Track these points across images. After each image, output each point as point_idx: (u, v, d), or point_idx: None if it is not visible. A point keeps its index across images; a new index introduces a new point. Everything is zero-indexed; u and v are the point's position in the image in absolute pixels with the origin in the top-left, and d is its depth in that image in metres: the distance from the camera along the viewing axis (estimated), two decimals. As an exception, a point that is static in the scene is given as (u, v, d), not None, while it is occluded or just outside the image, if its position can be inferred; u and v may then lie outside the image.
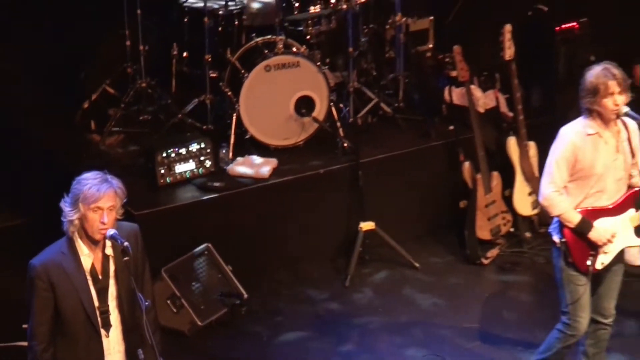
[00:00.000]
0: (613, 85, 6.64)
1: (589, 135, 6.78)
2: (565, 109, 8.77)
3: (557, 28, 10.32)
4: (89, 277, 5.81)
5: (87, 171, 5.82)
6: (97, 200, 5.69)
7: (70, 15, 9.73)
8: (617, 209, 6.90)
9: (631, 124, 6.82)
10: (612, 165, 6.80)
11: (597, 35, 10.38)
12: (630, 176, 6.94)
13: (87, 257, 5.81)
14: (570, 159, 6.79)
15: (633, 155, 6.87)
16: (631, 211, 6.93)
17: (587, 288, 6.95)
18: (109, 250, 5.86)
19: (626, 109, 6.74)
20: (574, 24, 10.36)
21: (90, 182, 5.72)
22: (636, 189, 6.93)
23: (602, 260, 6.89)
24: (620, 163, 6.83)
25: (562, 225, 6.88)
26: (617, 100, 6.65)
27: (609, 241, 6.85)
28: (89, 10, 9.77)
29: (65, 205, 5.76)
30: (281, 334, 8.32)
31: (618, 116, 6.74)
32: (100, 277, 5.84)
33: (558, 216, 6.87)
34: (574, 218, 6.81)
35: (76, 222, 5.75)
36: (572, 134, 6.82)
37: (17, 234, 8.79)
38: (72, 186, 5.76)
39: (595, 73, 6.69)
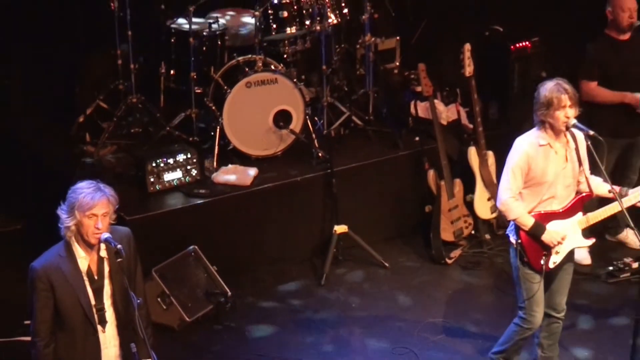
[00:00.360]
0: (565, 99, 6.68)
1: (541, 145, 6.82)
2: (519, 121, 8.78)
3: (512, 47, 10.32)
4: (85, 278, 5.85)
5: (82, 180, 5.85)
6: (91, 207, 5.73)
7: (66, 37, 9.72)
8: (566, 213, 6.95)
9: (579, 135, 6.86)
10: (562, 173, 6.86)
11: (547, 53, 10.41)
12: (578, 183, 7.00)
13: (84, 259, 5.84)
14: (524, 167, 6.83)
15: (580, 163, 6.92)
16: (579, 215, 6.99)
17: (541, 285, 7.00)
18: (103, 253, 5.89)
19: (574, 121, 6.81)
20: (527, 43, 10.36)
21: (85, 191, 5.75)
22: (583, 194, 6.98)
23: (554, 260, 6.95)
24: (569, 171, 6.88)
25: (518, 228, 6.93)
26: (568, 113, 6.70)
27: (560, 243, 6.89)
28: (83, 32, 9.76)
29: (62, 212, 5.78)
30: (262, 328, 8.30)
31: (567, 128, 6.80)
32: (96, 277, 5.87)
33: (514, 220, 6.91)
34: (528, 222, 6.86)
35: (73, 227, 5.78)
36: (526, 145, 6.86)
37: (18, 238, 8.80)
38: (67, 195, 5.79)
39: (549, 88, 6.74)
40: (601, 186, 6.99)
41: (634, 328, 6.82)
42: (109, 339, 5.99)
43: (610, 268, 8.81)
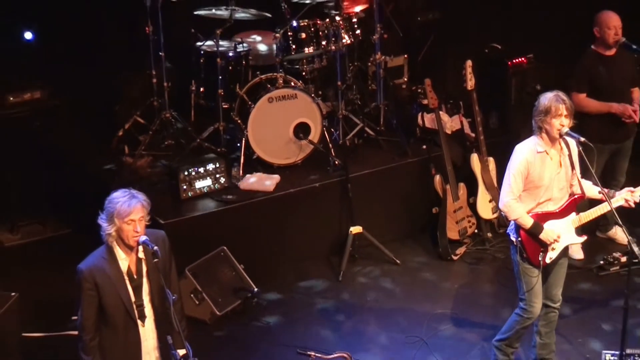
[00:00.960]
0: (562, 109, 6.70)
1: (539, 152, 6.83)
2: (517, 129, 8.78)
3: (509, 63, 10.33)
4: (126, 277, 5.91)
5: (118, 189, 5.90)
6: (129, 214, 5.78)
7: (106, 60, 9.81)
8: (561, 213, 6.95)
9: (571, 142, 6.86)
10: (556, 177, 6.86)
11: (541, 68, 10.38)
12: (571, 185, 7.00)
13: (124, 260, 5.90)
14: (524, 172, 6.83)
15: (573, 168, 6.92)
16: (573, 215, 6.99)
17: (539, 279, 6.99)
18: (141, 254, 5.95)
19: (566, 129, 6.79)
20: (523, 59, 10.37)
21: (121, 200, 5.80)
22: (576, 196, 6.98)
23: (551, 256, 6.95)
24: (563, 175, 6.89)
25: (517, 227, 6.92)
26: (563, 122, 6.71)
27: (556, 240, 6.90)
28: (121, 55, 9.86)
29: (102, 221, 5.83)
30: (285, 321, 8.31)
31: (561, 135, 6.80)
32: (135, 276, 5.93)
33: (515, 220, 6.91)
34: (528, 222, 6.86)
35: (113, 233, 5.83)
36: (526, 152, 6.86)
37: (67, 241, 8.85)
38: (105, 205, 5.83)
39: (549, 97, 6.75)
40: (592, 188, 6.99)
41: (623, 316, 6.76)
42: (148, 332, 6.05)
43: (601, 262, 8.78)
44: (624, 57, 8.72)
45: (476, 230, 9.38)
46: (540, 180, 6.85)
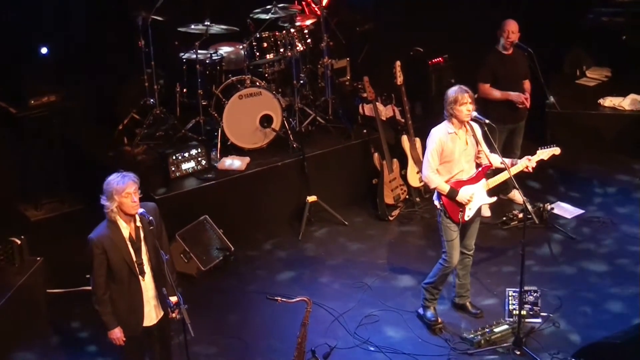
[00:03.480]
0: (466, 97, 6.80)
1: (449, 133, 6.90)
2: (437, 115, 8.83)
3: (430, 62, 10.40)
4: (128, 242, 5.91)
5: (118, 172, 5.89)
6: (125, 189, 5.77)
7: (108, 69, 9.76)
8: (473, 180, 7.02)
9: (475, 125, 6.94)
10: (464, 152, 6.94)
11: (455, 65, 10.46)
12: (479, 158, 7.07)
13: (125, 229, 5.90)
14: (438, 149, 6.91)
15: (478, 144, 7.00)
16: (483, 180, 7.05)
17: (457, 234, 7.07)
18: (138, 223, 5.94)
19: (474, 113, 6.89)
20: (440, 59, 10.44)
21: (116, 180, 5.79)
22: (484, 165, 7.04)
23: (468, 214, 7.02)
24: (469, 151, 6.97)
25: (439, 195, 7.00)
26: (469, 107, 6.79)
27: (470, 200, 6.97)
28: (120, 65, 9.80)
29: (104, 201, 5.81)
30: (257, 273, 8.32)
31: (471, 118, 6.91)
32: (135, 241, 5.93)
33: (435, 188, 6.98)
34: (445, 188, 6.94)
35: (115, 209, 5.80)
36: (439, 133, 6.94)
37: (81, 215, 8.81)
38: (103, 188, 5.80)
39: (454, 90, 6.84)
40: (496, 160, 7.04)
41: (521, 261, 6.88)
42: (147, 284, 6.05)
43: (504, 218, 8.85)
44: (518, 55, 8.79)
45: (407, 196, 9.37)
46: (451, 155, 6.93)
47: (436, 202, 7.07)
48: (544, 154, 7.14)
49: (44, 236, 8.40)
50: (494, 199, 7.24)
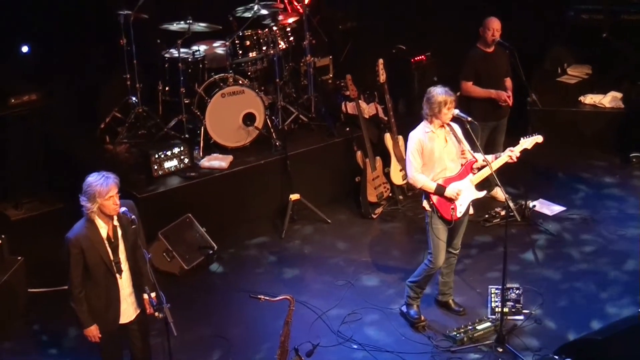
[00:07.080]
0: (452, 100, 6.78)
1: (426, 133, 6.89)
2: (420, 113, 8.81)
3: (412, 60, 10.37)
4: (105, 242, 5.86)
5: (99, 171, 5.81)
6: (108, 192, 5.72)
7: (90, 67, 9.66)
8: (459, 176, 6.97)
9: (454, 124, 6.94)
10: (445, 150, 6.90)
11: (437, 63, 10.45)
12: (463, 156, 7.02)
13: (103, 228, 5.85)
14: (419, 149, 6.88)
15: (459, 142, 6.96)
16: (470, 175, 7.00)
17: (445, 237, 7.02)
18: (116, 222, 5.90)
19: (457, 111, 6.85)
20: (423, 57, 10.42)
21: (98, 182, 5.71)
22: (469, 161, 6.99)
23: (460, 210, 6.96)
24: (450, 148, 6.92)
25: (427, 196, 6.93)
26: (453, 112, 6.78)
27: (458, 195, 6.89)
28: (102, 63, 9.71)
29: (84, 202, 5.73)
30: (240, 271, 8.27)
31: (452, 117, 6.84)
32: (112, 240, 5.89)
33: (421, 188, 6.93)
34: (431, 186, 6.89)
35: (95, 209, 5.75)
36: (418, 134, 6.94)
37: (60, 214, 8.71)
38: (84, 188, 5.72)
39: (440, 92, 6.80)
40: (479, 157, 7.00)
41: (503, 258, 6.86)
42: (124, 282, 6.03)
43: (486, 216, 8.83)
44: (500, 53, 8.75)
45: (390, 194, 9.36)
46: (432, 154, 6.89)
47: (425, 204, 7.01)
48: (527, 142, 7.14)
49: (24, 235, 8.32)
50: (484, 192, 7.21)
